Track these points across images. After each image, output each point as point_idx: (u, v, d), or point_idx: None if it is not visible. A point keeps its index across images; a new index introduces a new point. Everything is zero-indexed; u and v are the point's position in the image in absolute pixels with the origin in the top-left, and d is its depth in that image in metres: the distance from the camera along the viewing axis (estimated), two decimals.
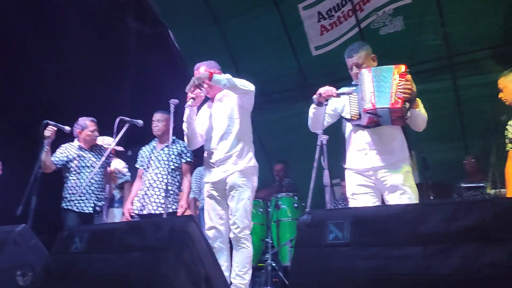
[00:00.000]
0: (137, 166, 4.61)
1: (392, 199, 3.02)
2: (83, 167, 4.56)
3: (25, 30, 5.87)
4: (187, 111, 3.62)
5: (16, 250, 2.45)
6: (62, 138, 4.77)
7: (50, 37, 6.03)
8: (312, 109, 3.20)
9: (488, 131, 5.40)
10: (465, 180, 5.64)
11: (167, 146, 4.40)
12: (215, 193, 3.55)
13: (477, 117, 6.04)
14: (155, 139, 4.58)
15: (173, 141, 4.47)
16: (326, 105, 3.09)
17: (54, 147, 4.61)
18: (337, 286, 1.61)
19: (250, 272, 3.47)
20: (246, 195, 3.44)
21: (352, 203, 3.16)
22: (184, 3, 6.69)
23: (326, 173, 2.92)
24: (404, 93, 2.87)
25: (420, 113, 3.03)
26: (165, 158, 4.36)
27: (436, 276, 1.46)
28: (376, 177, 3.09)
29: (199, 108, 3.83)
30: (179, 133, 4.01)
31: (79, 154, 4.59)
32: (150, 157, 4.44)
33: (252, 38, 6.73)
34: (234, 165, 3.49)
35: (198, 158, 4.54)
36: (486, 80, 5.98)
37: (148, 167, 4.42)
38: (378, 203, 3.10)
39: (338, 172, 5.24)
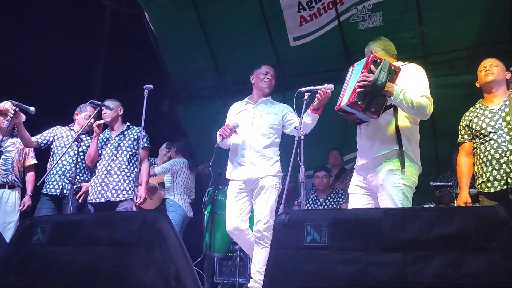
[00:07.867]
0: None
1: (379, 201, 2.82)
2: (61, 147, 4.39)
3: None
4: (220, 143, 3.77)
5: None
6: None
7: (18, 13, 5.74)
8: None
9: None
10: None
11: (122, 133, 4.32)
12: (242, 191, 3.70)
13: (448, 116, 6.09)
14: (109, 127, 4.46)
15: (128, 127, 4.38)
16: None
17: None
18: None
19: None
20: (274, 196, 3.64)
21: (349, 203, 3.02)
22: None
23: (302, 169, 2.89)
24: (359, 86, 2.66)
25: (399, 102, 2.69)
26: (121, 145, 4.26)
27: (416, 285, 1.44)
28: (366, 177, 2.90)
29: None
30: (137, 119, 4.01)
31: (63, 135, 4.44)
32: (106, 144, 4.30)
33: (230, 24, 6.57)
34: (268, 167, 3.66)
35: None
36: (459, 81, 6.06)
37: (101, 155, 4.29)
38: (371, 205, 2.90)
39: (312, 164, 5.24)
